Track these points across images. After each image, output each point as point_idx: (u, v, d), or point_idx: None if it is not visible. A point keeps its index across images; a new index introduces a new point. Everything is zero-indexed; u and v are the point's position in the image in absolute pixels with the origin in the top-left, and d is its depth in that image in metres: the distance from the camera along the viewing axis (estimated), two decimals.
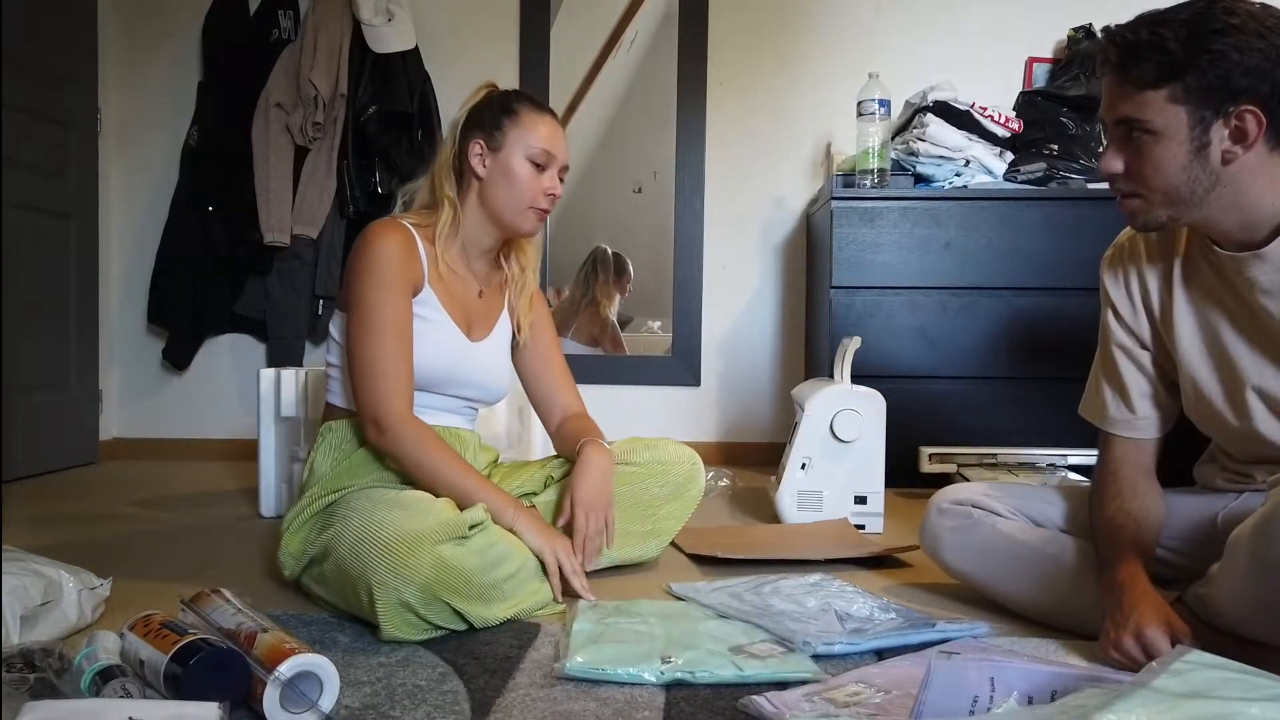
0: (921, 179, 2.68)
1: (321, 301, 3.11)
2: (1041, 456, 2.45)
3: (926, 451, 2.49)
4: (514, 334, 1.73)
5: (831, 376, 2.20)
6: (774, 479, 2.20)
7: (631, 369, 3.31)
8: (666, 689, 1.11)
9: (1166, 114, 1.13)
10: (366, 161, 3.04)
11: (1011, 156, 2.69)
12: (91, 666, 0.99)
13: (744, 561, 1.73)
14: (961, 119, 2.64)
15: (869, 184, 2.64)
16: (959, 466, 2.46)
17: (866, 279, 2.66)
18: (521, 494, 1.65)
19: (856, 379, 2.15)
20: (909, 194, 2.65)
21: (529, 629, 1.33)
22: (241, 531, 2.08)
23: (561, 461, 1.71)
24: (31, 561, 1.31)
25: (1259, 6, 1.12)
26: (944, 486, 1.58)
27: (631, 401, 3.22)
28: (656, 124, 3.28)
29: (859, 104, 2.66)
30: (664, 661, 1.14)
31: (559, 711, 1.04)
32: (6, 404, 2.61)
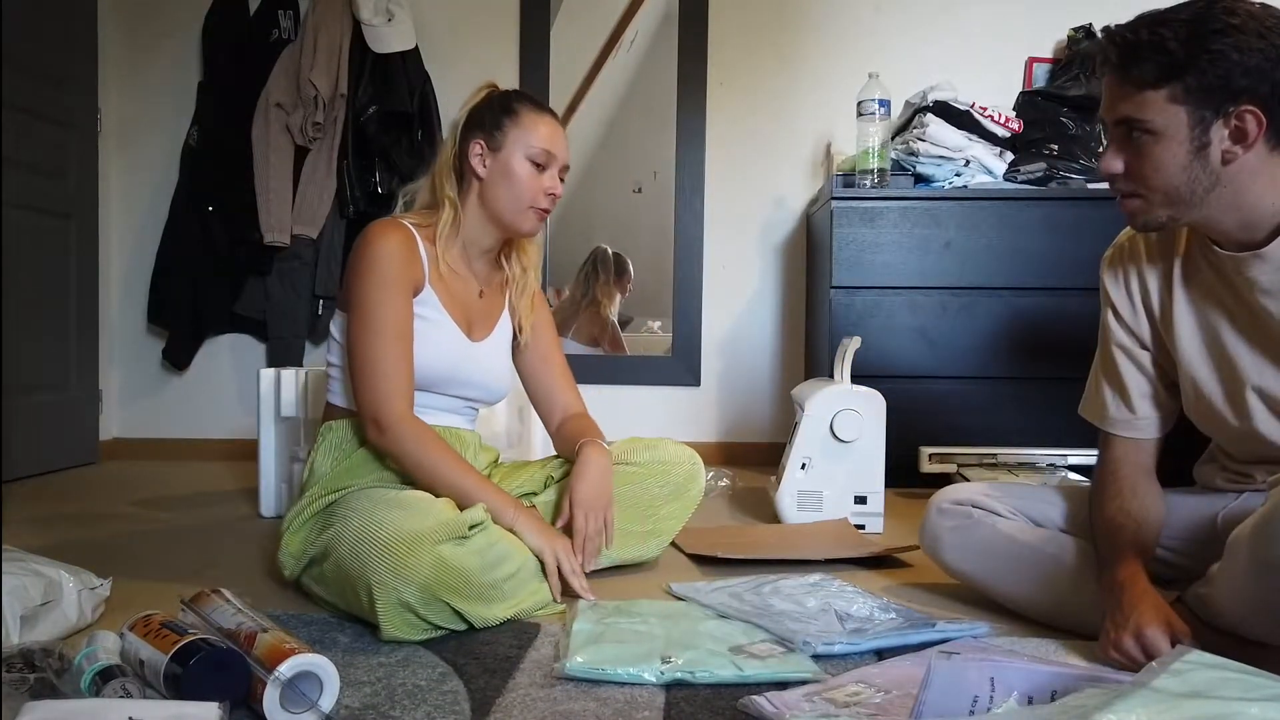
0: (921, 179, 2.68)
1: (321, 301, 3.11)
2: (1041, 456, 2.45)
3: (926, 451, 2.49)
4: (515, 334, 1.73)
5: (831, 376, 2.20)
6: (774, 479, 2.20)
7: (631, 369, 3.31)
8: (666, 689, 1.11)
9: (1166, 114, 1.13)
10: (366, 161, 3.04)
11: (1011, 156, 2.69)
12: (91, 666, 0.99)
13: (744, 561, 1.73)
14: (961, 119, 2.64)
15: (869, 184, 2.64)
16: (959, 466, 2.46)
17: (866, 279, 2.66)
18: (521, 494, 1.65)
19: (856, 379, 2.15)
20: (909, 194, 2.65)
21: (529, 629, 1.33)
22: (241, 531, 2.08)
23: (561, 461, 1.71)
24: (31, 561, 1.31)
25: (1259, 6, 1.12)
26: (944, 486, 1.58)
27: (631, 401, 3.22)
28: (656, 124, 3.28)
29: (859, 104, 2.66)
30: (664, 661, 1.14)
31: (559, 711, 1.04)
32: (6, 404, 2.61)
